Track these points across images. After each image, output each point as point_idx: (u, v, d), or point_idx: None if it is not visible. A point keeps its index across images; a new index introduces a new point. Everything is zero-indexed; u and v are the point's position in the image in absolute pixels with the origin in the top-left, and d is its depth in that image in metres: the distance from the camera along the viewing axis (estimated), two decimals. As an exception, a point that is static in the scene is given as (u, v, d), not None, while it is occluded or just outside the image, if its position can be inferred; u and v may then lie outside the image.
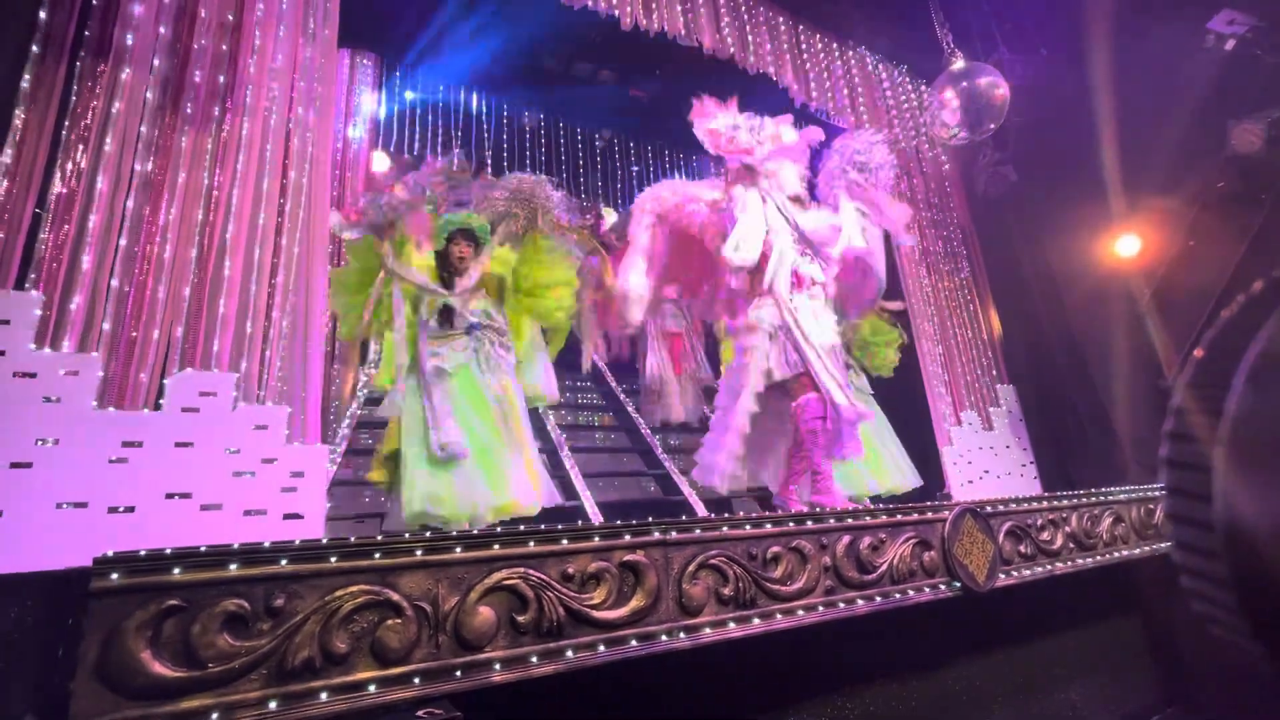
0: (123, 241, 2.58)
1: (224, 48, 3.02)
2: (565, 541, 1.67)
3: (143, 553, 1.26)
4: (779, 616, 1.95)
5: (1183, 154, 4.64)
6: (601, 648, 1.62)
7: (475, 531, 1.62)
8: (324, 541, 1.45)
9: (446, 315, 3.13)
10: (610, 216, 7.16)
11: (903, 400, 4.90)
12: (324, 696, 1.30)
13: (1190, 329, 4.39)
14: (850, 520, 2.25)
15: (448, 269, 3.25)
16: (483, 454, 2.85)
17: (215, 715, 1.21)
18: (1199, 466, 0.74)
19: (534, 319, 3.43)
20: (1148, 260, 4.93)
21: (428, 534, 1.54)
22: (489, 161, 7.81)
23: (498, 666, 1.48)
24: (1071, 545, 2.87)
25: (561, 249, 3.40)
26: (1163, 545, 3.11)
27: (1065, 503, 2.97)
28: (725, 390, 3.17)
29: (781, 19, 5.28)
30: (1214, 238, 4.58)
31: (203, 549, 1.31)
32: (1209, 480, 0.73)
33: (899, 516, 2.38)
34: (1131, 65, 4.86)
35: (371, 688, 1.35)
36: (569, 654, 1.57)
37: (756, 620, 1.90)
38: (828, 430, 2.87)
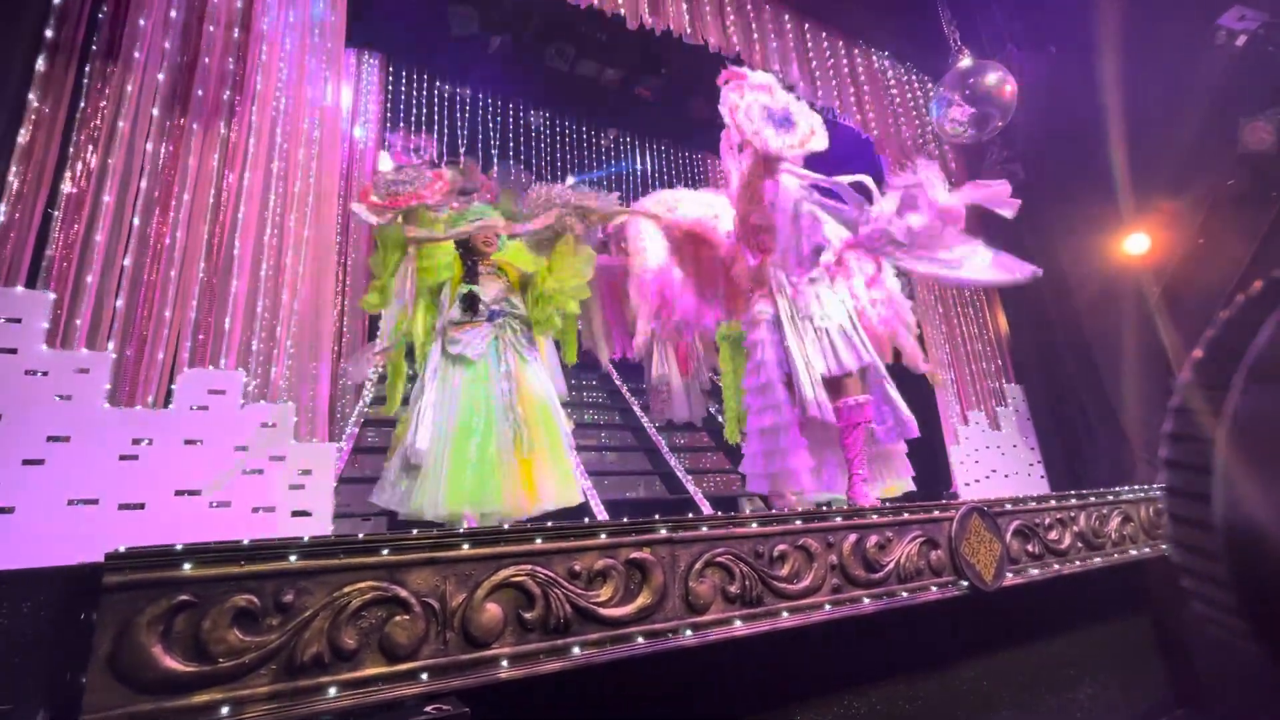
0: (133, 241, 2.61)
1: (232, 49, 3.04)
2: (572, 539, 1.68)
3: (154, 548, 1.27)
4: (785, 615, 1.94)
5: (1193, 152, 4.60)
6: (608, 645, 1.62)
7: (482, 529, 1.63)
8: (333, 538, 1.45)
9: (470, 302, 3.05)
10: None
11: (909, 399, 4.89)
12: (333, 692, 1.31)
13: (1200, 328, 4.31)
14: (857, 519, 2.25)
15: (472, 255, 3.21)
16: (480, 460, 2.76)
17: (225, 709, 1.22)
18: (1199, 467, 0.74)
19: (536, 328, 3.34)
20: (1157, 259, 4.89)
21: (435, 531, 1.55)
22: (495, 159, 7.83)
23: (505, 663, 1.49)
24: (1080, 545, 2.85)
25: (586, 252, 3.21)
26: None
27: (1073, 502, 2.95)
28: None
29: (787, 17, 5.27)
30: (1224, 236, 4.54)
31: (213, 545, 1.32)
32: (1209, 481, 0.72)
33: (905, 515, 2.37)
34: (1141, 62, 4.83)
35: (380, 683, 1.36)
36: (575, 651, 1.58)
37: (763, 618, 1.90)
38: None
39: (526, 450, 2.82)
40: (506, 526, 1.65)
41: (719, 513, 3.27)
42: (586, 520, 1.91)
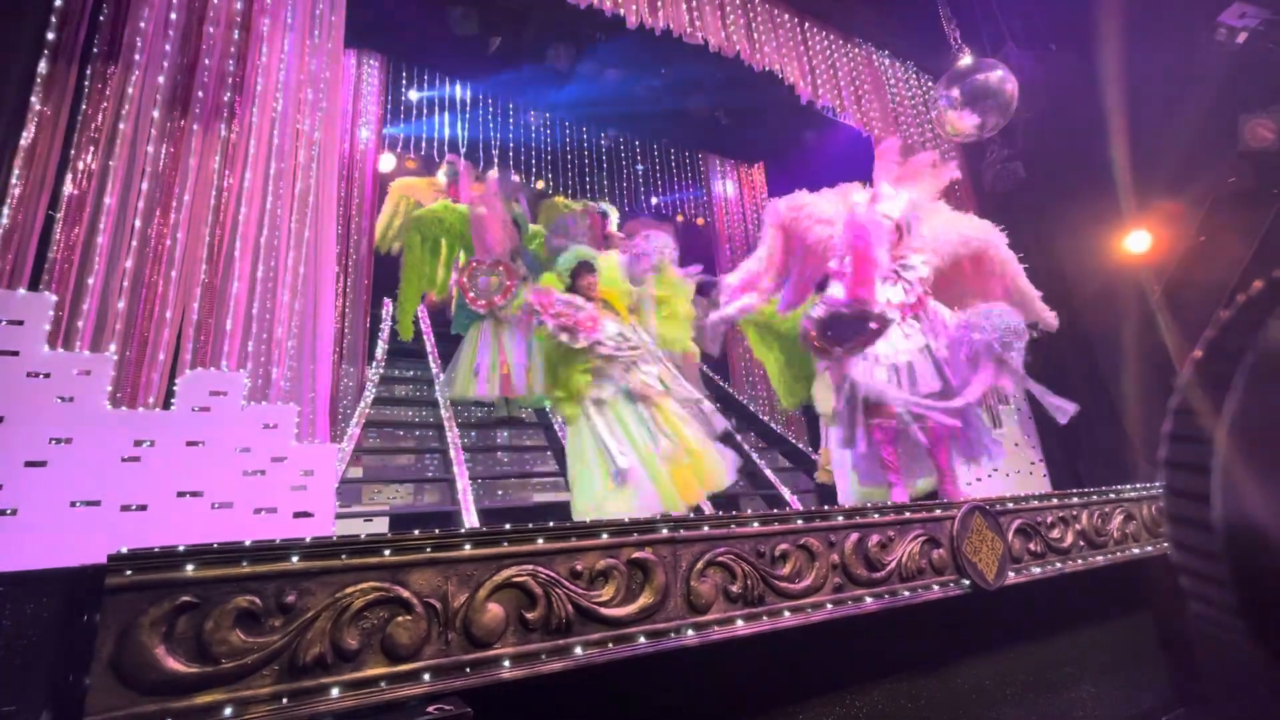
0: (134, 243, 2.61)
1: (232, 50, 3.05)
2: (574, 539, 1.68)
3: (156, 550, 1.27)
4: (787, 614, 1.94)
5: (1194, 149, 4.59)
6: (610, 645, 1.62)
7: (484, 529, 1.63)
8: (335, 539, 1.46)
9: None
10: (614, 215, 7.17)
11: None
12: (335, 692, 1.31)
13: (1201, 326, 4.29)
14: (858, 518, 2.25)
15: None
16: (647, 470, 3.18)
17: (228, 710, 1.22)
18: (1198, 467, 0.74)
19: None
20: (1158, 256, 4.89)
21: (437, 531, 1.55)
22: (495, 160, 7.83)
23: (507, 663, 1.49)
24: (1082, 543, 2.85)
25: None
26: (1174, 544, 3.07)
27: (1075, 500, 2.95)
28: None
29: (787, 16, 5.27)
30: (1225, 234, 4.54)
31: (215, 546, 1.32)
32: (1208, 481, 0.72)
33: (907, 514, 2.37)
34: (1142, 59, 4.82)
35: (382, 684, 1.36)
36: (577, 651, 1.58)
37: (764, 618, 1.90)
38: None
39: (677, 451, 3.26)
40: (508, 527, 1.65)
41: (720, 512, 3.27)
42: (588, 519, 1.92)
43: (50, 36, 2.65)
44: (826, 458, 4.48)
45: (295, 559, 1.36)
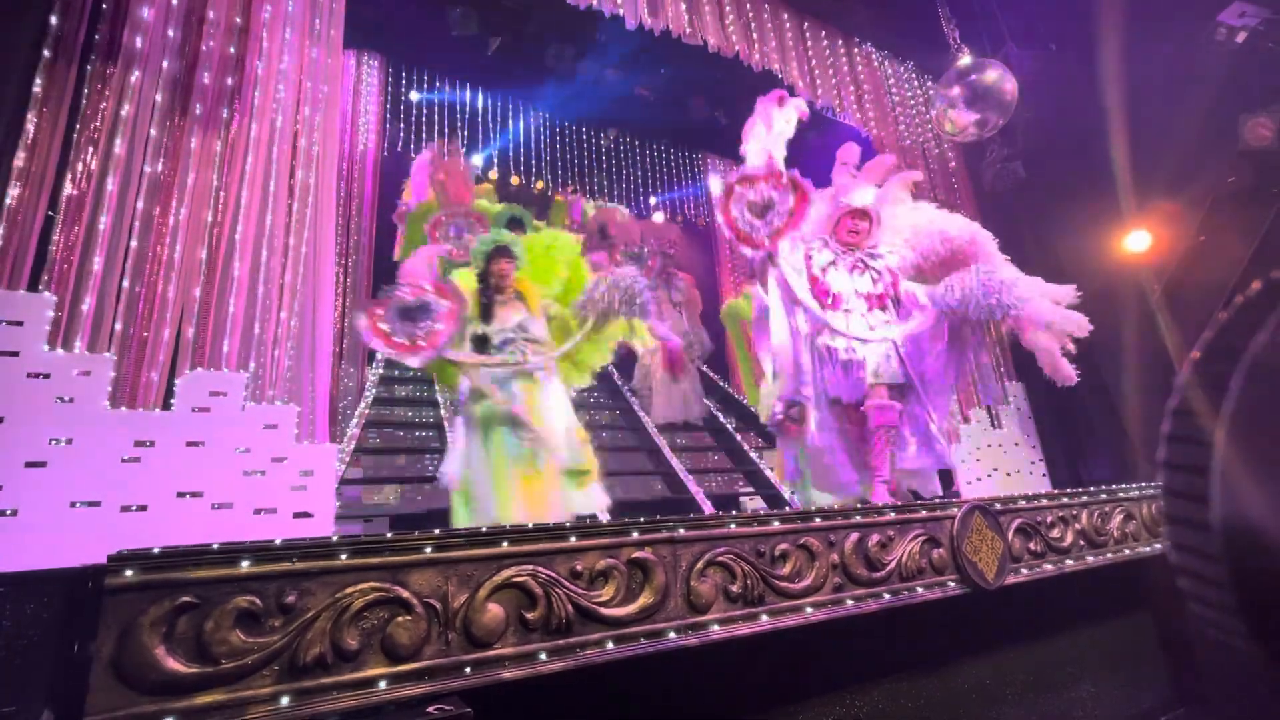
0: (133, 243, 2.61)
1: (231, 50, 3.05)
2: (573, 539, 1.68)
3: (156, 550, 1.27)
4: (787, 614, 1.95)
5: (1194, 148, 4.59)
6: (610, 645, 1.62)
7: (484, 529, 1.63)
8: (334, 539, 1.46)
9: (481, 343, 3.10)
10: (621, 214, 7.17)
11: (910, 398, 4.88)
12: (335, 692, 1.31)
13: (1201, 325, 4.28)
14: (858, 517, 2.25)
15: (488, 290, 3.23)
16: (497, 483, 2.90)
17: (228, 711, 1.22)
18: (1197, 469, 0.74)
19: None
20: (1158, 256, 4.89)
21: (437, 531, 1.55)
22: (494, 160, 7.83)
23: (507, 663, 1.49)
24: (1082, 543, 2.85)
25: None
26: (1174, 543, 3.07)
27: (1075, 500, 2.95)
28: None
29: (786, 16, 5.27)
30: (1225, 233, 4.54)
31: (215, 547, 1.32)
32: (1207, 482, 0.72)
33: (907, 514, 2.37)
34: (1141, 59, 4.82)
35: (382, 684, 1.36)
36: (577, 651, 1.58)
37: (764, 617, 1.90)
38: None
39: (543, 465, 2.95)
40: (508, 527, 1.65)
41: (720, 512, 3.28)
42: (588, 519, 1.92)
43: (50, 36, 2.65)
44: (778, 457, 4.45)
45: (295, 559, 1.36)
